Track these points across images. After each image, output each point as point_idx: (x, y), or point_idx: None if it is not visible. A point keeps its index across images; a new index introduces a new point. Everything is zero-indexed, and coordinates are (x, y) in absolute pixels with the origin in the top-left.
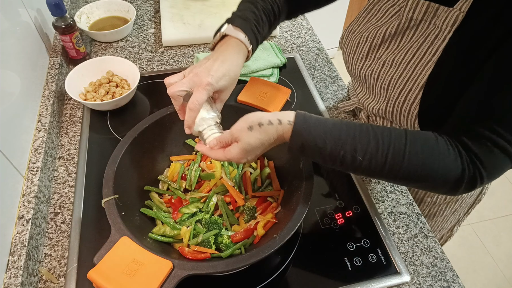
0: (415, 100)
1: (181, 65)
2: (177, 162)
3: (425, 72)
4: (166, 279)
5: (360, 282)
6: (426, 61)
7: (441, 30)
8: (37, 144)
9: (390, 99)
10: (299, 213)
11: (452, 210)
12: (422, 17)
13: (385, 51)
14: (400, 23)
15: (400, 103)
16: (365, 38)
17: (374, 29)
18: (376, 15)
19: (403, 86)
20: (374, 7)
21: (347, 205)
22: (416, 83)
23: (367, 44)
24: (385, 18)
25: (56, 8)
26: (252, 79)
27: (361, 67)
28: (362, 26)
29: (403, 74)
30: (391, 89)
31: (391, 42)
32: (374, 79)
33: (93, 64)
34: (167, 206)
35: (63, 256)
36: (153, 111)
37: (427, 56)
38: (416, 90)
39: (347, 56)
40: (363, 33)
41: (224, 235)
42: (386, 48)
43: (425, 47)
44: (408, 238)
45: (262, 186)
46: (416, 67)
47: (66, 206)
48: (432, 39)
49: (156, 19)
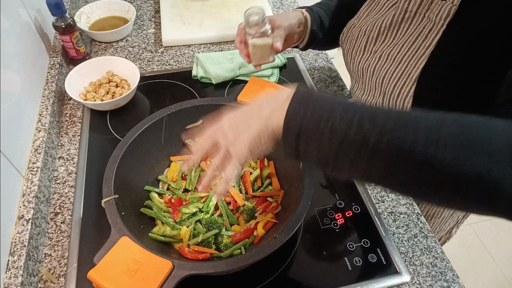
0: (409, 94)
1: (181, 65)
2: (177, 162)
3: (418, 65)
4: (166, 279)
5: (360, 282)
6: (420, 54)
7: (435, 23)
8: (37, 144)
9: (385, 93)
10: (299, 213)
11: (450, 212)
12: (417, 10)
13: (381, 45)
14: (395, 14)
15: (395, 97)
16: (364, 31)
17: (372, 22)
18: (375, 9)
19: (397, 80)
20: (374, 2)
21: (347, 205)
22: (410, 77)
23: (365, 38)
24: (383, 11)
25: (56, 8)
26: (252, 79)
27: (358, 62)
28: (361, 21)
29: (398, 68)
30: (385, 83)
31: (387, 35)
32: (370, 73)
33: (93, 64)
34: (167, 206)
35: (63, 256)
36: (153, 111)
37: (421, 49)
38: (410, 84)
39: (346, 52)
40: (362, 27)
41: (224, 235)
42: (383, 41)
43: (419, 41)
44: (408, 238)
45: (262, 186)
46: (410, 60)
47: (66, 206)
48: (426, 32)
49: (156, 19)
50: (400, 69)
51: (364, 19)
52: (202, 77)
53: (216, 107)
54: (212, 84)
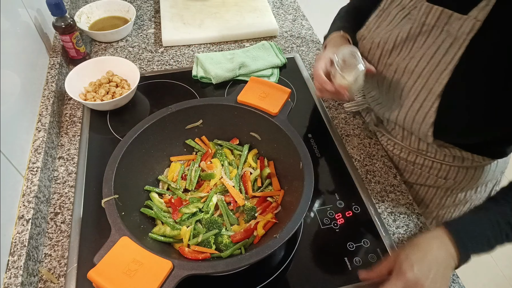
0: (431, 109)
1: (181, 65)
2: (177, 162)
3: (441, 80)
4: (166, 279)
5: (360, 282)
6: (441, 69)
7: (456, 38)
8: (37, 144)
9: (403, 106)
10: (299, 213)
11: (460, 213)
12: (435, 23)
13: (396, 57)
14: (412, 27)
15: (414, 111)
16: (377, 44)
17: (385, 34)
18: (386, 20)
19: (417, 94)
20: (384, 13)
21: (347, 205)
22: (432, 91)
23: (379, 50)
24: (394, 22)
25: (56, 8)
26: (252, 79)
27: (372, 75)
28: (373, 32)
29: (417, 82)
30: (404, 97)
31: (402, 47)
32: (386, 87)
33: (93, 64)
34: (167, 206)
35: (63, 256)
36: (153, 111)
37: (442, 64)
38: (432, 99)
39: None
40: (374, 39)
41: (224, 235)
42: (397, 54)
43: (439, 55)
44: (408, 238)
45: (262, 186)
46: (431, 75)
47: (66, 206)
48: (447, 46)
49: (156, 19)
50: (420, 83)
51: (375, 31)
52: (202, 77)
53: (216, 107)
54: (212, 84)
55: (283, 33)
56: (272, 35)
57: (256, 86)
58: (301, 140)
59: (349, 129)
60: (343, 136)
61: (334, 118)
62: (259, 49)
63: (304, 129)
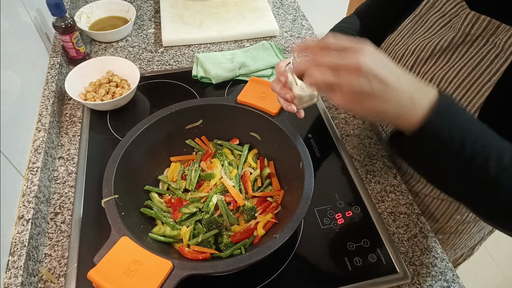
0: None
1: (181, 65)
2: (177, 162)
3: (482, 92)
4: (166, 279)
5: (360, 282)
6: (484, 81)
7: (502, 49)
8: (37, 144)
9: None
10: (299, 213)
11: (479, 228)
12: (480, 33)
13: (432, 66)
14: (455, 36)
15: None
16: (411, 50)
17: (422, 41)
18: (422, 26)
19: None
20: (421, 19)
21: (347, 205)
22: (472, 103)
23: (413, 57)
24: (433, 30)
25: (56, 8)
26: (252, 79)
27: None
28: (407, 38)
29: (456, 93)
30: None
31: (440, 57)
32: None
33: (93, 64)
34: (167, 206)
35: (63, 256)
36: (153, 111)
37: (485, 76)
38: (472, 110)
39: None
40: (409, 45)
41: (224, 235)
42: (434, 63)
43: (482, 67)
44: (408, 238)
45: (262, 186)
46: (472, 86)
47: (66, 206)
48: (492, 58)
49: (156, 19)
50: (459, 94)
51: (409, 37)
52: (202, 77)
53: (216, 107)
54: (212, 84)
55: (283, 33)
56: (272, 35)
57: (256, 86)
58: (301, 140)
59: (349, 129)
60: (343, 136)
61: (334, 118)
62: (259, 49)
63: (304, 129)
